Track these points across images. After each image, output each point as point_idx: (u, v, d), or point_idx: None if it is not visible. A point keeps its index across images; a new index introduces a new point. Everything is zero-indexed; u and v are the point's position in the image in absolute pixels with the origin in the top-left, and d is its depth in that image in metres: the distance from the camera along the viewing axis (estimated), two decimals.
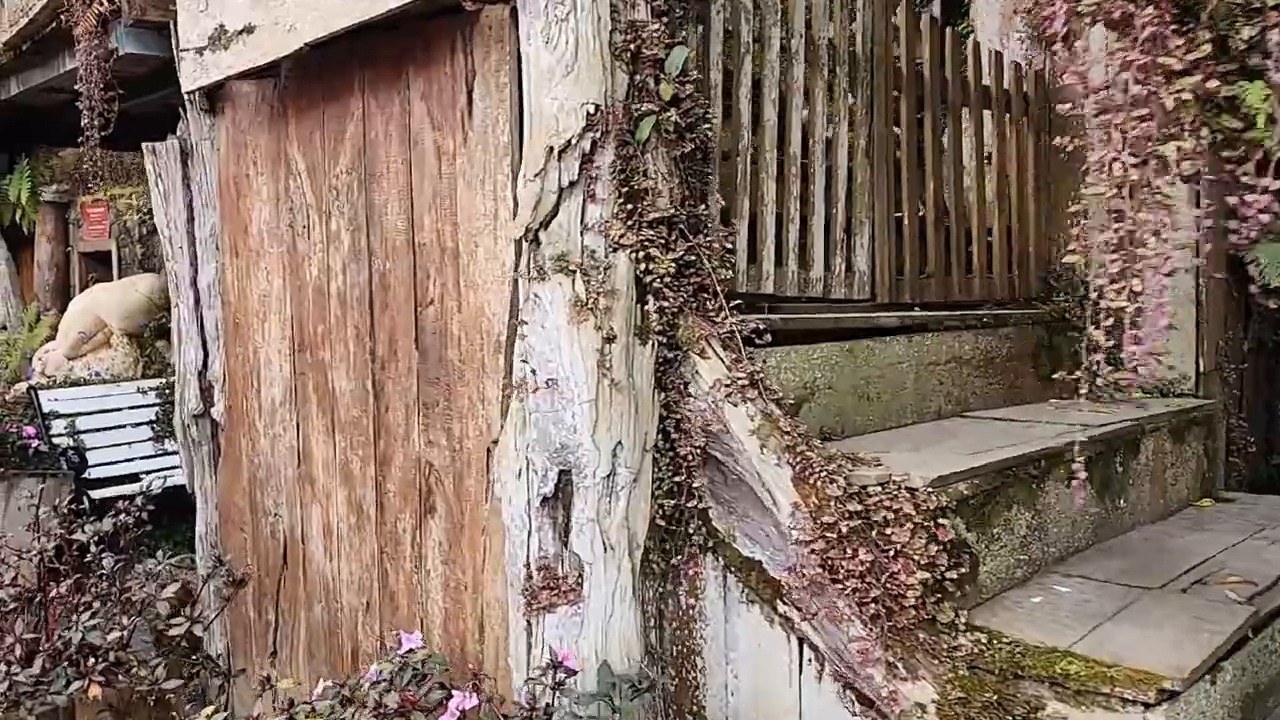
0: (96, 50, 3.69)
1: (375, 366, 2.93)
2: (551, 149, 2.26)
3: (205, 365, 3.50)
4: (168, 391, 6.83)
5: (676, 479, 2.39)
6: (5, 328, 11.98)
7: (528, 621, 2.34)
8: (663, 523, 2.39)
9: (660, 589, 2.49)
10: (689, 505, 2.41)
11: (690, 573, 2.47)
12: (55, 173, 8.29)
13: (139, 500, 3.16)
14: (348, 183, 2.95)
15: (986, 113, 3.75)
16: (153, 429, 6.62)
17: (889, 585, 2.03)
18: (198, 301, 3.47)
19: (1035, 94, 3.89)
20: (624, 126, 2.29)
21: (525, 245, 2.31)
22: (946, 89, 3.54)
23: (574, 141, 2.25)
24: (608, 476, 2.26)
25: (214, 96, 3.38)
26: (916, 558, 2.03)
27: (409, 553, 2.88)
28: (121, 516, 3.18)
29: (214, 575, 3.00)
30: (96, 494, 5.81)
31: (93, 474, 6.16)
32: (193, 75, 3.18)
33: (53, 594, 2.89)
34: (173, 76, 4.93)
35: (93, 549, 3.04)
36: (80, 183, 11.48)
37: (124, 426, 6.53)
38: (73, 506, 3.33)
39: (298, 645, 3.30)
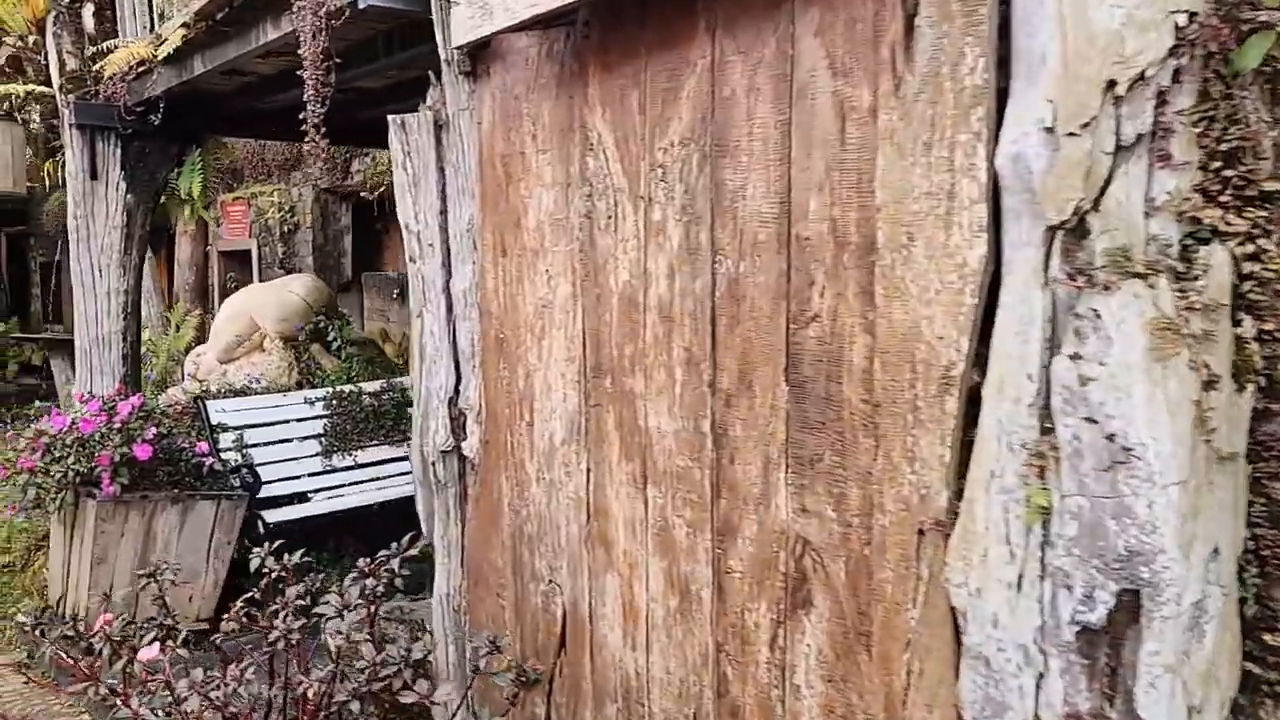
0: (321, 8, 3.08)
1: (716, 402, 2.19)
2: (1111, 84, 1.45)
3: (457, 390, 2.83)
4: (335, 402, 6.35)
5: (1271, 599, 1.56)
6: (147, 328, 11.94)
7: None
8: (1256, 668, 1.56)
9: None
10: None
11: None
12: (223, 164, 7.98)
13: (394, 563, 2.51)
14: (682, 157, 2.22)
15: None
16: (320, 443, 6.13)
17: None
18: (450, 311, 2.80)
19: None
20: (1222, 48, 1.47)
21: (1057, 235, 1.51)
22: None
23: (1149, 73, 1.45)
24: (1198, 602, 1.44)
25: (476, 56, 2.70)
26: None
27: (764, 658, 2.12)
28: (368, 581, 2.53)
29: (490, 670, 2.31)
30: (271, 517, 5.32)
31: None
32: (469, 25, 2.50)
33: (303, 688, 2.24)
34: (374, 50, 4.35)
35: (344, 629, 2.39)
36: (226, 178, 11.26)
37: (291, 440, 6.05)
38: (305, 558, 2.70)
39: None
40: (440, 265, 2.80)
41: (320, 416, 6.21)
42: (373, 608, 2.47)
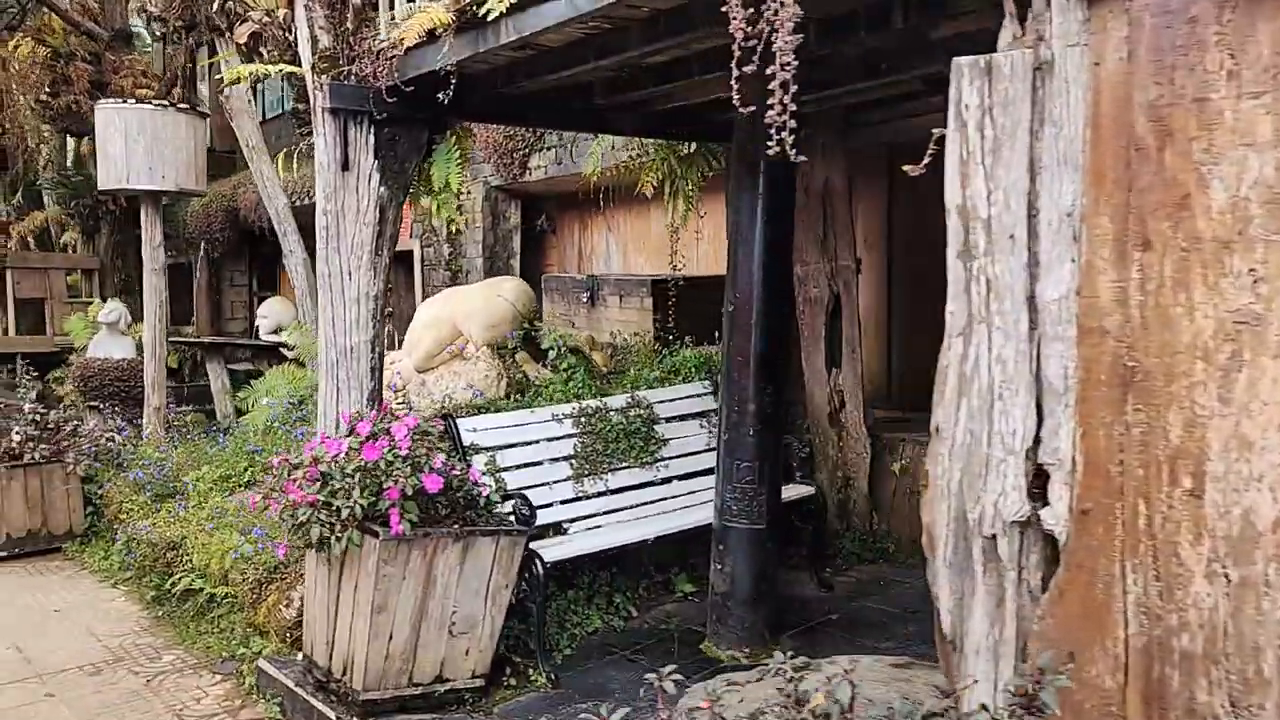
0: None
1: None
2: None
3: (1037, 439, 2.03)
4: (582, 420, 5.67)
5: None
6: (303, 326, 11.56)
7: None
8: None
9: None
10: None
11: None
12: None
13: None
14: None
15: None
16: (570, 466, 5.45)
17: None
18: (1033, 328, 2.00)
19: None
20: None
21: None
22: None
23: None
24: None
25: None
26: None
27: None
28: None
29: None
30: (550, 555, 4.64)
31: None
32: None
33: None
34: None
35: None
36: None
37: (541, 463, 5.37)
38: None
39: None
40: (1022, 265, 2.00)
41: (569, 436, 5.52)
42: None
